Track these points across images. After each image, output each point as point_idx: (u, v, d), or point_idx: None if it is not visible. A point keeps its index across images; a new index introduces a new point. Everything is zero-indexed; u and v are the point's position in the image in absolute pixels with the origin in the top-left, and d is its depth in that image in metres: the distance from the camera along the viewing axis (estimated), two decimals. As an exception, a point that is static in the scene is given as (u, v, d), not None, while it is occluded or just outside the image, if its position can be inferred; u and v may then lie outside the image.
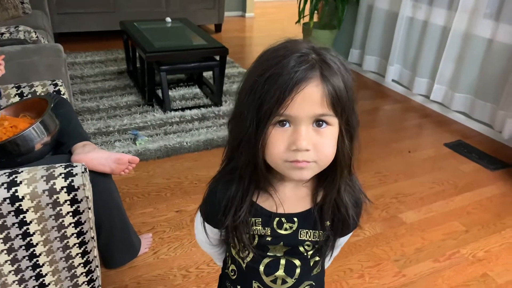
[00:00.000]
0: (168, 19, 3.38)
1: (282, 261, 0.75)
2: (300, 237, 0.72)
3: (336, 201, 0.70)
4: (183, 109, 2.82)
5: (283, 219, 0.72)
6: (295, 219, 0.72)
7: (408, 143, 2.64)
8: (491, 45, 2.63)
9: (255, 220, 0.72)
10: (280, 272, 0.75)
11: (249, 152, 0.64)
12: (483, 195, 2.16)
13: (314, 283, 0.79)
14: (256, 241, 0.74)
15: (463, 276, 1.66)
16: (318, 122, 0.61)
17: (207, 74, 3.30)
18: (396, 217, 1.97)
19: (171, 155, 2.35)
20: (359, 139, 0.68)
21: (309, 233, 0.73)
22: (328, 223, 0.72)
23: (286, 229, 0.72)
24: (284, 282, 0.76)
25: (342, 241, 0.84)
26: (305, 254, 0.75)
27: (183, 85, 3.19)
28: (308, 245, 0.74)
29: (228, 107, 2.90)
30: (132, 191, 2.04)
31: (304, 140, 0.60)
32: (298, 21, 3.83)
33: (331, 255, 0.82)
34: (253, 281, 0.77)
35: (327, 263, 0.90)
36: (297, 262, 0.75)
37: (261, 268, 0.75)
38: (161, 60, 2.72)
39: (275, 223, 0.72)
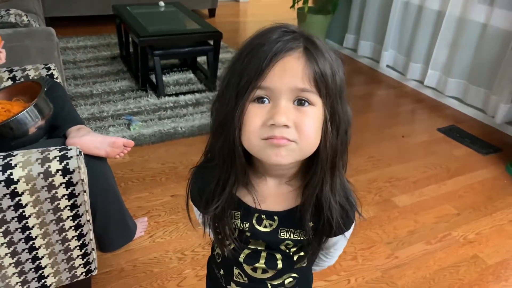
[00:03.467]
0: (162, 3, 3.33)
1: (263, 254, 0.72)
2: (280, 235, 0.69)
3: (318, 200, 0.64)
4: (177, 94, 2.81)
5: (263, 216, 0.68)
6: (276, 217, 0.68)
7: (401, 128, 2.66)
8: (485, 30, 2.63)
9: (234, 213, 0.69)
10: (261, 264, 0.73)
11: (226, 134, 0.59)
12: (475, 179, 2.18)
13: (297, 275, 0.77)
14: (236, 233, 0.71)
15: (454, 258, 1.69)
16: (300, 100, 0.57)
17: (201, 59, 3.28)
18: (389, 201, 1.99)
19: (165, 140, 2.35)
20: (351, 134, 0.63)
21: (289, 232, 0.69)
22: (311, 223, 0.67)
23: (265, 226, 0.68)
24: (264, 271, 0.74)
25: (335, 243, 0.80)
26: (287, 251, 0.72)
27: (176, 70, 3.17)
28: (289, 244, 0.70)
29: (223, 92, 2.89)
30: (127, 176, 2.04)
31: (283, 114, 0.55)
32: (293, 6, 3.79)
33: (318, 254, 0.79)
34: (234, 267, 0.76)
35: (326, 261, 0.88)
36: (278, 255, 0.72)
37: (242, 257, 0.73)
38: (154, 45, 2.70)
39: (254, 218, 0.68)
